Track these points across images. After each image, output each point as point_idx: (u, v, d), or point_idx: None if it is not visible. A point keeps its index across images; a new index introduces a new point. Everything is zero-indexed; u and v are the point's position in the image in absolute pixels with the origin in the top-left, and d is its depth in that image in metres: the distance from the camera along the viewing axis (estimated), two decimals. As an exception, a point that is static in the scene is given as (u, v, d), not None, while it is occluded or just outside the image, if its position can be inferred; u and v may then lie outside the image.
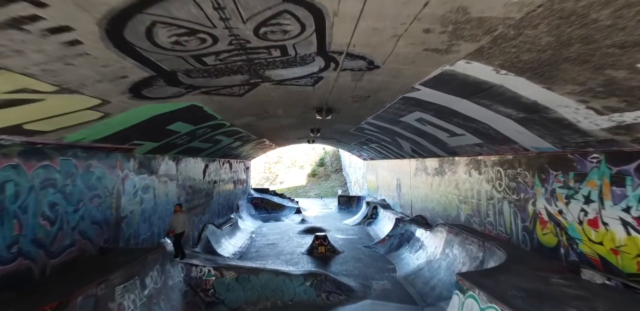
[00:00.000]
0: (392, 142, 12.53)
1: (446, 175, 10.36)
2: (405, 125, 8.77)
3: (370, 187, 22.77)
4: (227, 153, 13.33)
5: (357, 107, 7.92)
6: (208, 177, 11.91)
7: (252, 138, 12.45)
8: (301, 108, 8.19)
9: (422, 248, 10.37)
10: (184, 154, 9.08)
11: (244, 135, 10.94)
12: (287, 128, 12.19)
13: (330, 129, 13.30)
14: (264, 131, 11.71)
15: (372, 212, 17.58)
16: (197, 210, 10.63)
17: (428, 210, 12.04)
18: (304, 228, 16.29)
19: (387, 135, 11.32)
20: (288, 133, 14.52)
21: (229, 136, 10.03)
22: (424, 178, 12.31)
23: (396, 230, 12.77)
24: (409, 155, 13.19)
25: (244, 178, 20.15)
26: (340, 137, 16.53)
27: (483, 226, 8.17)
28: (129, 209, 6.29)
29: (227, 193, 15.31)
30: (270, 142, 16.37)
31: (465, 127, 6.76)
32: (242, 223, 16.66)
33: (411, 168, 13.76)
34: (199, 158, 10.72)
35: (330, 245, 12.19)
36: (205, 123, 7.10)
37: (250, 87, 5.34)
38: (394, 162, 16.26)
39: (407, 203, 14.42)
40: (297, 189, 36.38)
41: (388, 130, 10.33)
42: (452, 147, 8.79)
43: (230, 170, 15.78)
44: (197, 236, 10.63)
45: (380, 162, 19.36)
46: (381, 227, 15.44)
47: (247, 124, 9.22)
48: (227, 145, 11.41)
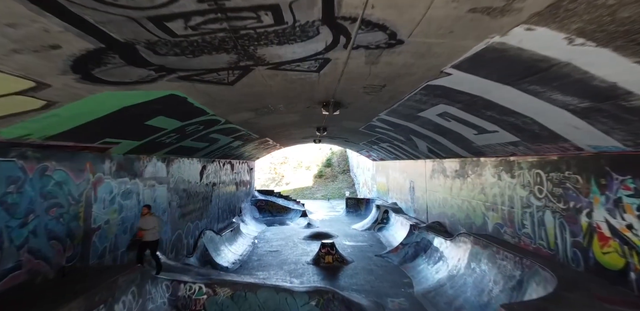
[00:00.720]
0: (406, 142, 11.43)
1: (469, 178, 9.23)
2: (424, 121, 7.69)
3: (380, 189, 21.65)
4: (227, 153, 12.39)
5: (369, 101, 6.87)
6: (206, 179, 10.98)
7: (253, 137, 11.48)
8: (305, 102, 7.18)
9: (442, 260, 9.25)
10: (176, 154, 8.14)
11: (244, 133, 9.97)
12: (291, 126, 11.19)
13: (337, 127, 12.26)
14: (265, 129, 10.73)
15: (382, 217, 16.47)
16: (192, 215, 9.70)
17: (447, 216, 10.90)
18: (310, 234, 15.27)
19: (402, 133, 10.23)
20: (292, 132, 13.52)
21: (226, 134, 9.07)
22: (442, 181, 11.17)
23: (411, 237, 11.66)
24: (425, 156, 12.06)
25: (248, 180, 19.24)
26: (348, 136, 15.48)
27: (517, 238, 7.03)
28: (102, 219, 5.36)
29: (228, 196, 14.38)
30: (274, 141, 15.40)
31: (501, 122, 5.65)
32: (244, 228, 15.72)
33: (427, 169, 12.63)
34: (194, 159, 9.79)
35: (338, 254, 11.15)
36: (195, 119, 6.14)
37: (240, 72, 4.34)
38: (407, 163, 15.14)
39: (422, 207, 13.29)
40: (304, 190, 35.41)
41: (403, 127, 9.24)
42: (478, 146, 7.67)
43: (231, 171, 14.85)
44: (192, 245, 9.70)
45: (391, 162, 18.24)
46: (393, 233, 14.33)
47: (245, 121, 8.23)
48: (226, 144, 10.46)
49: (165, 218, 7.71)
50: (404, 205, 16.10)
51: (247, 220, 17.37)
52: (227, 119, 7.31)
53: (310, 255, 11.89)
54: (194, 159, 9.76)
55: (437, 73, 4.46)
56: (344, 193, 32.18)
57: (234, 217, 15.39)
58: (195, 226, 10.01)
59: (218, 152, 11.03)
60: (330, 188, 35.11)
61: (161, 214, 7.45)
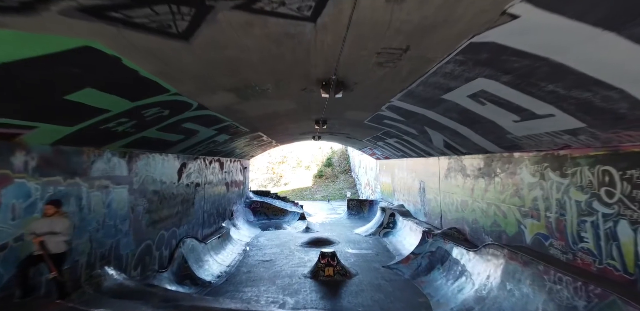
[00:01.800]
0: (418, 136, 9.90)
1: (497, 178, 7.70)
2: (447, 107, 6.16)
3: (384, 190, 20.12)
4: (213, 149, 10.87)
5: (382, 78, 5.35)
6: (186, 179, 9.47)
7: (242, 130, 9.96)
8: (300, 81, 5.65)
9: (465, 275, 7.72)
10: (141, 148, 6.63)
11: (229, 124, 8.45)
12: (285, 118, 9.67)
13: (339, 120, 10.74)
14: (255, 121, 9.21)
15: (388, 220, 14.94)
16: (167, 222, 8.18)
17: (467, 222, 9.38)
18: (308, 240, 13.74)
19: (415, 125, 8.71)
20: (289, 127, 12.00)
21: (205, 125, 7.55)
22: (461, 181, 9.65)
23: (424, 246, 10.13)
24: (439, 153, 10.54)
25: (241, 180, 17.72)
26: (351, 131, 13.95)
27: (570, 254, 5.50)
28: (10, 234, 3.80)
29: (216, 197, 12.86)
30: (268, 137, 13.89)
31: (564, 100, 4.13)
32: (236, 233, 14.20)
33: (441, 168, 11.11)
34: (170, 155, 8.27)
35: (340, 265, 9.63)
36: (151, 98, 4.62)
37: (193, 12, 2.80)
38: (417, 161, 13.61)
39: (435, 211, 11.76)
40: (303, 191, 33.91)
41: (418, 117, 7.72)
42: (515, 137, 6.15)
43: (220, 170, 13.33)
44: (168, 257, 8.17)
45: (397, 161, 16.72)
46: (401, 240, 12.80)
47: (226, 108, 6.71)
48: (208, 138, 8.94)
49: (126, 227, 6.20)
50: (412, 207, 14.57)
51: (240, 224, 15.84)
52: (201, 103, 5.78)
53: (307, 265, 10.37)
54: (169, 155, 8.24)
55: (495, 15, 2.92)
56: (345, 194, 30.67)
57: (223, 221, 13.87)
58: (172, 234, 8.49)
59: (200, 148, 9.51)
60: (331, 188, 33.59)
61: (119, 223, 5.94)
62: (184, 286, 8.18)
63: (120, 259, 5.98)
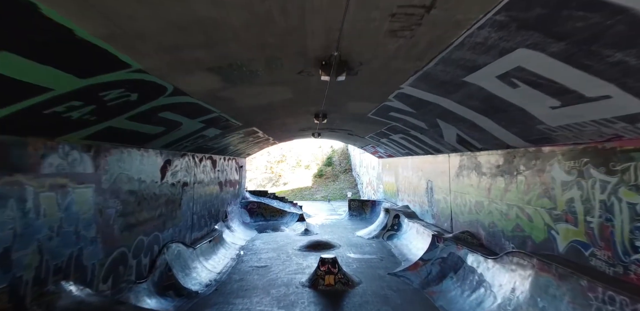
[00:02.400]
0: (427, 130, 8.99)
1: (520, 176, 6.78)
2: (469, 92, 5.25)
3: (387, 190, 19.20)
4: (203, 145, 9.96)
5: (394, 54, 4.43)
6: (172, 178, 8.55)
7: (234, 124, 9.04)
8: (294, 60, 4.73)
9: (484, 286, 6.81)
10: (111, 141, 5.71)
11: (218, 117, 7.53)
12: (281, 110, 8.76)
13: (341, 114, 9.83)
14: (248, 113, 8.29)
15: (392, 222, 14.03)
16: (148, 225, 7.27)
17: (482, 225, 8.46)
18: (307, 243, 12.83)
19: (426, 117, 7.79)
20: (286, 122, 11.09)
21: (189, 116, 6.64)
22: (475, 180, 8.73)
23: (434, 251, 9.21)
24: (451, 149, 9.62)
25: (237, 179, 16.80)
26: (353, 127, 13.04)
27: (621, 267, 4.58)
28: None
29: (208, 198, 11.94)
30: (265, 133, 12.97)
31: (635, 74, 3.21)
32: (229, 236, 13.28)
33: (452, 166, 10.19)
34: (151, 151, 7.36)
35: (341, 272, 8.71)
36: (107, 74, 3.70)
37: None
38: (424, 159, 12.69)
39: (444, 213, 10.84)
40: (302, 191, 33.00)
41: (430, 107, 6.80)
42: (547, 128, 5.24)
43: (213, 168, 12.41)
44: (148, 265, 7.25)
45: (402, 159, 15.80)
46: (407, 244, 11.89)
47: (210, 93, 5.79)
48: (195, 132, 8.02)
49: (92, 233, 5.27)
50: (418, 208, 13.65)
51: (234, 226, 14.93)
52: (177, 86, 4.86)
53: (306, 272, 9.46)
54: (150, 151, 7.32)
55: None
56: (346, 194, 29.77)
57: (216, 223, 12.95)
58: (154, 239, 7.57)
59: (187, 143, 8.59)
60: (331, 188, 32.68)
61: (82, 229, 5.02)
62: (166, 298, 7.28)
63: (83, 271, 5.06)
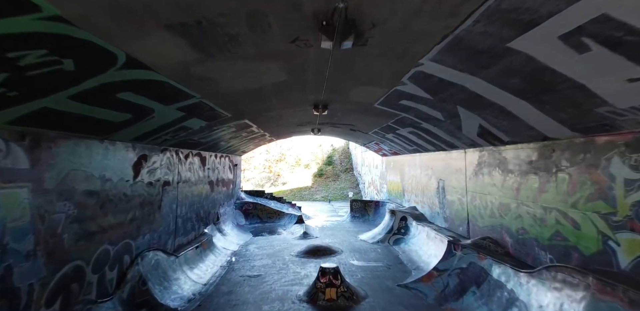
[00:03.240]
0: (443, 122, 7.84)
1: (563, 174, 5.63)
2: (511, 64, 4.09)
3: (391, 190, 18.05)
4: (188, 140, 8.81)
5: (418, 7, 3.28)
6: (149, 176, 7.40)
7: (221, 114, 7.89)
8: (286, 18, 3.58)
9: (517, 306, 5.65)
10: (55, 129, 4.55)
11: (199, 103, 6.38)
12: (275, 97, 7.60)
13: (343, 103, 8.67)
14: (235, 100, 7.14)
15: (399, 225, 12.88)
16: (115, 232, 6.12)
17: (508, 231, 7.30)
18: (306, 248, 11.68)
19: (444, 104, 6.64)
20: (281, 113, 9.94)
21: (161, 100, 5.49)
22: (499, 179, 7.57)
23: (451, 260, 8.05)
24: (468, 143, 8.47)
25: (230, 178, 15.65)
26: (356, 121, 11.89)
27: None
28: None
29: (196, 199, 10.79)
30: (259, 128, 11.82)
31: None
32: (221, 240, 12.14)
33: (468, 163, 9.03)
34: (119, 144, 6.21)
35: (344, 285, 7.56)
36: (6, 19, 2.57)
37: None
38: (434, 156, 11.53)
39: (459, 215, 9.68)
40: (302, 191, 31.86)
41: (452, 91, 5.65)
42: (610, 111, 4.09)
43: (201, 166, 11.26)
44: (115, 279, 6.10)
45: (408, 157, 14.65)
46: (417, 250, 10.73)
47: (182, 69, 4.63)
48: (176, 123, 6.88)
49: (28, 246, 4.12)
50: (427, 210, 12.49)
51: (227, 229, 13.77)
52: (131, 53, 3.70)
53: (304, 283, 8.32)
54: (118, 143, 6.17)
55: None
56: (347, 194, 28.63)
57: (206, 227, 11.79)
58: (124, 248, 6.42)
59: (167, 136, 7.44)
60: (332, 188, 31.52)
61: (11, 241, 3.87)
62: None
63: (13, 294, 3.91)
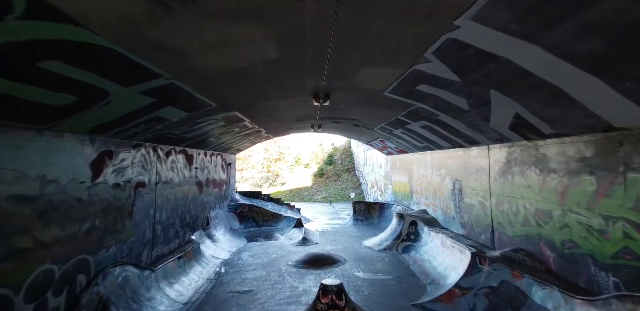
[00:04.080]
0: (467, 112, 6.58)
1: (634, 174, 4.37)
2: (612, 6, 2.84)
3: (397, 191, 16.80)
4: (167, 134, 7.58)
5: None
6: (116, 177, 6.16)
7: (203, 103, 6.65)
8: None
9: (574, 344, 4.39)
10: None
11: (169, 85, 5.13)
12: (267, 82, 6.34)
13: (348, 90, 7.40)
14: (218, 84, 5.88)
15: (409, 230, 11.63)
16: (62, 247, 4.88)
17: (550, 243, 6.04)
18: (305, 257, 10.44)
19: (473, 88, 5.37)
20: (276, 103, 8.68)
21: (116, 79, 4.25)
22: (536, 180, 6.31)
23: (476, 276, 6.80)
24: (494, 138, 7.21)
25: (223, 179, 14.42)
26: (361, 115, 10.63)
27: None
28: None
29: (181, 202, 9.56)
30: (253, 123, 10.58)
31: None
32: (210, 248, 10.90)
33: (493, 161, 7.78)
34: (68, 136, 4.96)
35: (350, 306, 6.31)
36: None
37: None
38: (449, 154, 10.27)
39: (481, 222, 8.42)
40: (301, 191, 30.62)
41: (489, 68, 4.39)
42: None
43: (187, 165, 10.02)
44: (63, 307, 4.86)
45: (417, 155, 13.39)
46: (430, 259, 9.47)
47: (131, 28, 3.38)
48: (144, 111, 5.64)
49: None
50: (440, 214, 11.24)
51: (218, 234, 12.53)
52: None
53: (302, 302, 7.10)
54: (67, 135, 4.92)
55: None
56: (349, 195, 27.39)
57: (194, 233, 10.55)
58: (78, 266, 5.18)
59: (138, 128, 6.19)
60: (333, 189, 30.26)
61: None
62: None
63: None
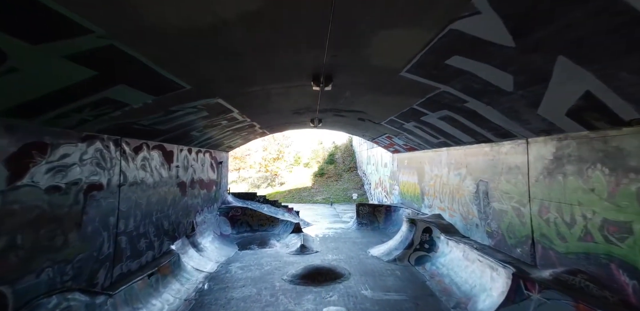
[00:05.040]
0: (508, 94, 5.11)
1: None
2: None
3: (405, 192, 15.34)
4: (133, 124, 6.14)
5: None
6: (52, 178, 4.72)
7: (174, 84, 5.19)
8: None
9: None
10: None
11: (108, 48, 3.68)
12: (248, 51, 4.86)
13: (356, 70, 5.92)
14: (185, 54, 4.42)
15: (422, 238, 10.17)
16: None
17: (624, 266, 4.57)
18: (303, 270, 9.00)
19: (532, 55, 3.89)
20: (268, 90, 7.22)
21: (18, 34, 2.78)
22: (603, 183, 4.84)
23: (523, 306, 5.33)
24: (537, 129, 5.74)
25: (213, 179, 12.97)
26: (368, 105, 9.16)
27: None
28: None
29: (157, 207, 8.11)
30: (243, 115, 9.13)
31: None
32: (194, 258, 9.45)
33: (535, 158, 6.30)
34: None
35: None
36: None
37: None
38: (471, 151, 8.80)
39: (516, 232, 6.95)
40: (301, 192, 29.17)
41: (578, 13, 2.94)
42: None
43: (166, 163, 8.57)
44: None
45: (430, 153, 11.93)
46: (451, 275, 8.00)
47: None
48: (81, 89, 4.21)
49: None
50: (459, 220, 9.78)
51: (205, 242, 11.08)
52: None
53: (298, 335, 5.64)
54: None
55: None
56: (351, 195, 25.95)
57: (174, 242, 9.11)
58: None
59: (83, 114, 4.75)
60: (334, 189, 28.80)
61: None
62: None
63: None
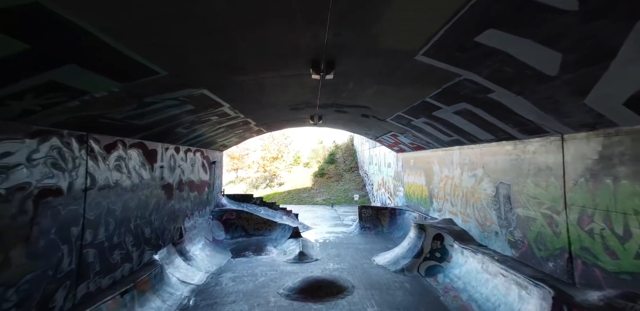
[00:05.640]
0: (550, 80, 4.16)
1: None
2: None
3: (411, 195, 14.40)
4: (99, 117, 5.21)
5: None
6: None
7: (144, 68, 4.27)
8: None
9: None
10: None
11: (31, 4, 2.73)
12: (234, 26, 3.93)
13: (362, 54, 4.96)
14: (149, 20, 3.48)
15: (432, 246, 9.24)
16: None
17: None
18: (301, 283, 8.08)
19: (598, 21, 2.96)
20: (261, 81, 6.28)
21: None
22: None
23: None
24: (578, 124, 4.80)
25: (205, 180, 12.05)
26: (373, 100, 8.22)
27: None
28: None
29: (136, 213, 7.19)
30: (235, 110, 8.20)
31: None
32: (180, 269, 8.53)
33: (572, 158, 5.37)
34: None
35: None
36: None
37: None
38: (488, 150, 7.86)
39: (547, 243, 6.02)
40: (300, 193, 28.24)
41: None
42: None
43: (147, 163, 7.65)
44: None
45: (439, 152, 10.99)
46: (469, 289, 7.06)
47: None
48: (15, 66, 3.24)
49: None
50: (474, 227, 8.84)
51: (194, 249, 10.16)
52: None
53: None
54: None
55: None
56: (352, 197, 25.03)
57: (157, 251, 8.18)
58: None
59: (27, 102, 3.85)
60: (335, 190, 27.87)
61: None
62: None
63: None
